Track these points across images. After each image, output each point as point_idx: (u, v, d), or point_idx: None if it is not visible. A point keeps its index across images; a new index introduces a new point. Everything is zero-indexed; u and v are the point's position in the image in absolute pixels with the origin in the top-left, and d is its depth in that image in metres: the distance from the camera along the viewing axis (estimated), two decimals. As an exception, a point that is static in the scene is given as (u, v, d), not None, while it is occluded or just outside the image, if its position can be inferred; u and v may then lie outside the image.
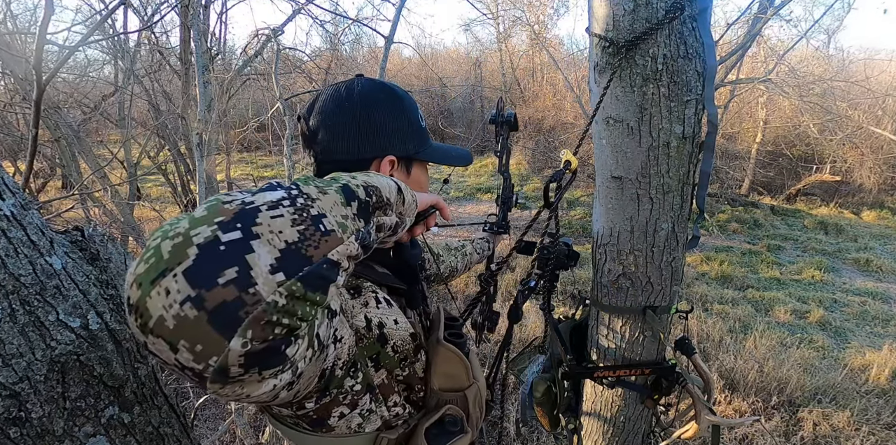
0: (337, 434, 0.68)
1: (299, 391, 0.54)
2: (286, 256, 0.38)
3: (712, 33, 1.04)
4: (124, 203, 4.36)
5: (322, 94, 0.78)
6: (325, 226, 0.43)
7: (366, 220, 0.49)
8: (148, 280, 0.35)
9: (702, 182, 1.12)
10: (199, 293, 0.34)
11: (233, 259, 0.36)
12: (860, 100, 7.86)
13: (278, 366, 0.40)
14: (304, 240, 0.40)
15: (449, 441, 0.72)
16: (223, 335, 0.35)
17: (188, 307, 0.34)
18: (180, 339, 0.35)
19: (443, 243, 1.35)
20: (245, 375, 0.38)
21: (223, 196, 0.42)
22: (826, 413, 2.85)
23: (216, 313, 0.35)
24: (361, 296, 0.68)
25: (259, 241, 0.38)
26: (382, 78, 3.32)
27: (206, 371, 0.36)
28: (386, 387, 0.70)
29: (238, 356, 0.36)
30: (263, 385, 0.41)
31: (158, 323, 0.35)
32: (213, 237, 0.37)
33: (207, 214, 0.39)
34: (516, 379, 2.76)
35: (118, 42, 4.70)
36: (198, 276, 0.35)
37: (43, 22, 1.48)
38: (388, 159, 0.75)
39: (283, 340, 0.39)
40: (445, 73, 13.66)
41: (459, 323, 0.83)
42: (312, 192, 0.45)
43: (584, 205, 8.08)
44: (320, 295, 0.41)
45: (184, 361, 0.36)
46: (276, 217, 0.40)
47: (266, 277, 0.36)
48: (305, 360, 0.45)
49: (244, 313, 0.35)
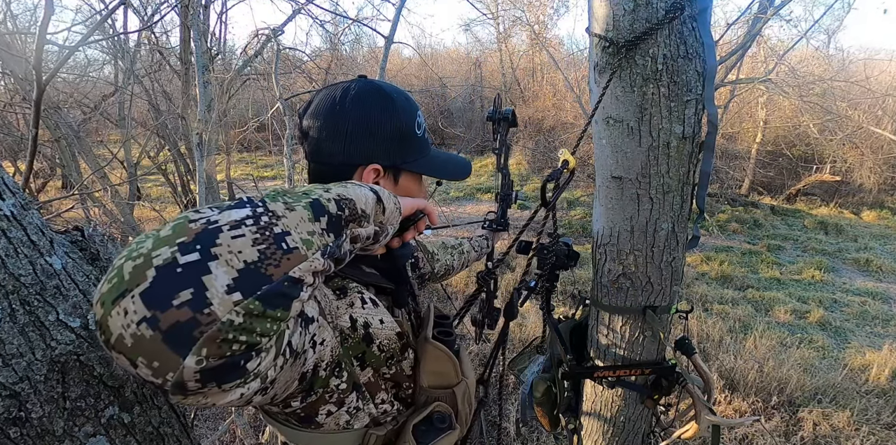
0: (326, 430, 0.69)
1: (276, 394, 0.55)
2: (244, 276, 0.39)
3: (712, 33, 1.04)
4: (124, 203, 4.36)
5: (319, 94, 0.77)
6: (288, 244, 0.43)
7: (336, 234, 0.49)
8: (110, 299, 0.37)
9: (702, 182, 1.11)
10: (154, 314, 0.36)
11: (188, 281, 0.37)
12: (860, 100, 7.86)
13: (238, 380, 0.41)
14: (264, 259, 0.41)
15: (437, 437, 0.73)
16: (178, 353, 0.36)
17: (144, 327, 0.36)
18: (138, 356, 0.37)
19: (439, 241, 1.35)
20: (203, 389, 0.39)
21: (192, 213, 0.43)
22: (826, 413, 2.85)
23: (170, 333, 0.36)
24: (347, 297, 0.69)
25: (217, 262, 0.39)
26: (382, 78, 3.32)
27: (165, 385, 0.38)
28: (373, 385, 0.71)
29: (193, 372, 0.37)
30: (229, 395, 0.42)
31: (118, 341, 0.37)
32: (172, 259, 0.38)
33: (171, 234, 0.40)
34: (516, 379, 2.76)
35: (118, 42, 4.70)
36: (153, 298, 0.36)
37: (43, 22, 1.48)
38: (373, 167, 0.74)
39: (242, 356, 0.40)
40: (445, 73, 13.65)
41: (449, 321, 0.84)
42: (279, 210, 0.45)
43: (584, 204, 8.08)
44: (281, 311, 0.42)
45: (144, 375, 0.38)
46: (237, 237, 0.41)
47: (222, 297, 0.38)
48: (276, 368, 0.46)
49: (199, 333, 0.37)
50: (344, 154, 0.73)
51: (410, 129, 0.77)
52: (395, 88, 0.79)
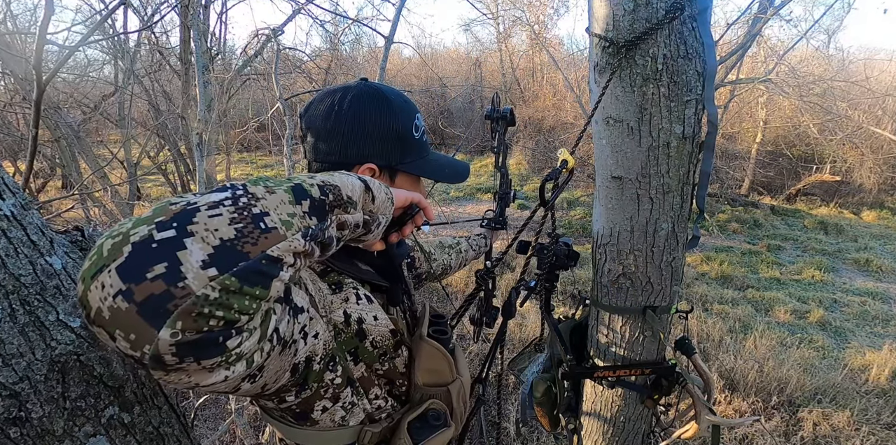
0: (321, 427, 0.70)
1: (267, 384, 0.55)
2: (220, 252, 0.40)
3: (712, 33, 1.04)
4: (124, 203, 4.36)
5: (320, 94, 0.79)
6: (266, 224, 0.44)
7: (320, 218, 0.49)
8: (89, 275, 0.38)
9: (702, 182, 1.12)
10: (129, 287, 0.37)
11: (163, 255, 0.38)
12: (860, 100, 7.86)
13: (217, 357, 0.41)
14: (240, 238, 0.41)
15: (432, 434, 0.74)
16: (152, 325, 0.37)
17: (120, 299, 0.37)
18: (116, 329, 0.38)
19: (436, 241, 1.36)
20: (182, 364, 0.39)
21: (174, 197, 0.44)
22: (826, 413, 2.85)
23: (144, 305, 0.37)
24: (342, 292, 0.70)
25: (192, 239, 0.39)
26: (382, 78, 3.32)
27: (143, 359, 0.39)
28: (366, 380, 0.72)
29: (168, 345, 0.38)
30: (213, 376, 0.42)
31: (97, 314, 0.38)
32: (148, 235, 0.39)
33: (151, 215, 0.41)
34: (516, 379, 2.76)
35: (118, 42, 4.70)
36: (128, 271, 0.37)
37: (43, 22, 1.48)
38: (368, 166, 0.75)
39: (221, 332, 0.40)
40: (445, 72, 13.65)
41: (444, 320, 0.84)
42: (258, 192, 0.46)
43: (584, 204, 8.08)
44: (260, 289, 0.42)
45: (122, 348, 0.39)
46: (214, 216, 0.41)
47: (196, 272, 0.38)
48: (262, 353, 0.47)
49: (173, 305, 0.37)
50: (340, 153, 0.75)
51: (407, 131, 0.78)
52: (394, 91, 0.80)
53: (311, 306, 0.61)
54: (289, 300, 0.53)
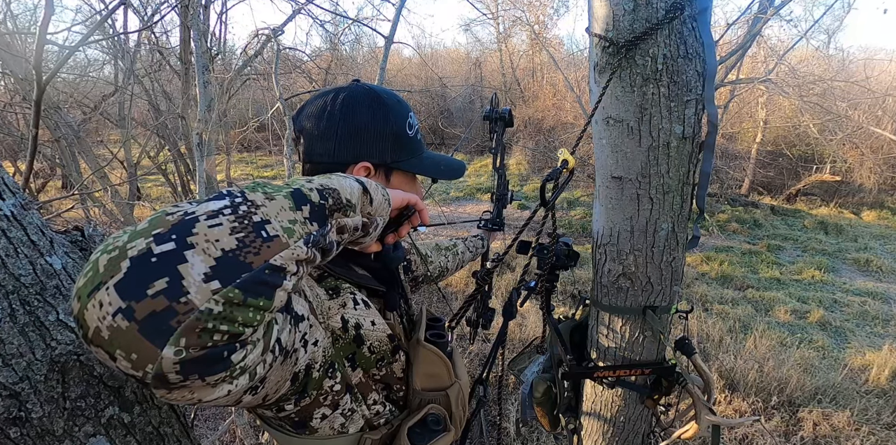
0: (321, 435, 0.68)
1: (268, 395, 0.54)
2: (222, 264, 0.38)
3: (712, 33, 1.04)
4: (124, 203, 4.36)
5: (312, 97, 0.79)
6: (268, 232, 0.42)
7: (320, 223, 0.48)
8: (85, 293, 0.37)
9: (702, 182, 1.12)
10: (129, 305, 0.36)
11: (163, 270, 0.37)
12: (860, 100, 7.85)
13: (222, 372, 0.40)
14: (242, 247, 0.40)
15: (432, 439, 0.73)
16: (155, 344, 0.36)
17: (120, 318, 0.35)
18: (116, 349, 0.36)
19: (433, 243, 1.35)
20: (186, 381, 0.38)
21: (170, 207, 0.42)
22: (826, 413, 2.85)
23: (146, 323, 0.36)
24: (340, 297, 0.69)
25: (192, 251, 0.38)
26: (382, 78, 3.32)
27: (146, 378, 0.37)
28: (364, 386, 0.71)
29: (172, 364, 0.36)
30: (217, 391, 0.41)
31: (95, 334, 0.36)
32: (147, 249, 0.37)
33: (147, 227, 0.40)
34: (516, 379, 2.76)
35: (118, 42, 4.70)
36: (127, 289, 0.36)
37: (43, 22, 1.48)
38: (362, 165, 0.75)
39: (226, 346, 0.39)
40: (445, 72, 13.64)
41: (441, 323, 0.84)
42: (258, 199, 0.45)
43: (584, 204, 8.08)
44: (264, 300, 0.41)
45: (123, 368, 0.37)
46: (214, 226, 0.40)
47: (199, 286, 0.37)
48: (264, 365, 0.45)
49: (176, 322, 0.36)
50: (334, 153, 0.74)
51: (401, 129, 0.77)
52: (387, 90, 0.80)
53: (310, 313, 0.60)
54: (290, 309, 0.52)
